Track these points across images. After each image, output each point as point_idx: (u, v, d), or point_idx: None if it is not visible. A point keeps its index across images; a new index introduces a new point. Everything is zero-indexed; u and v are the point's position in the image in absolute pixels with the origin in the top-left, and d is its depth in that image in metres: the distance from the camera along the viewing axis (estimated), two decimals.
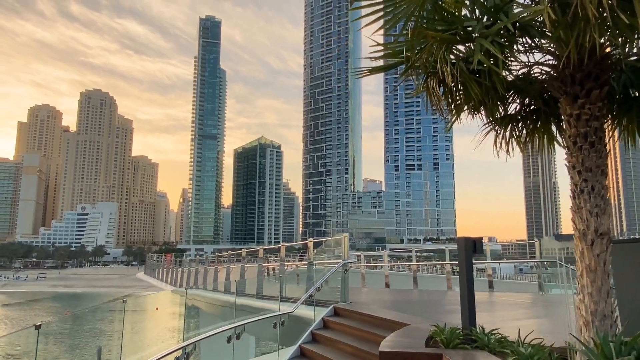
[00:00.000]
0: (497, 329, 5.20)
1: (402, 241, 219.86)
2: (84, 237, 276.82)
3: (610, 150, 4.25)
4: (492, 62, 3.69)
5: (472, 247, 5.58)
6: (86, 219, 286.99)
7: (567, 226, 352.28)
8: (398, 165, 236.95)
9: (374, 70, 5.13)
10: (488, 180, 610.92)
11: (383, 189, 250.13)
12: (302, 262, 18.20)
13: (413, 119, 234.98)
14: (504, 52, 3.93)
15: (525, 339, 4.69)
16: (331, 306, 8.30)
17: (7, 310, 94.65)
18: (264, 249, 16.17)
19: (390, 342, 5.44)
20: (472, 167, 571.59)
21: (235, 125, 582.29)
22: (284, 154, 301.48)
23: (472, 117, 5.09)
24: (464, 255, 5.56)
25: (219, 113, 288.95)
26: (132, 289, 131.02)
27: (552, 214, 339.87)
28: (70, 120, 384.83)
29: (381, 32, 4.18)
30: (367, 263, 22.73)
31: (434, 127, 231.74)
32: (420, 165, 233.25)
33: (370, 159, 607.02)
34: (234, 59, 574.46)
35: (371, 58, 4.90)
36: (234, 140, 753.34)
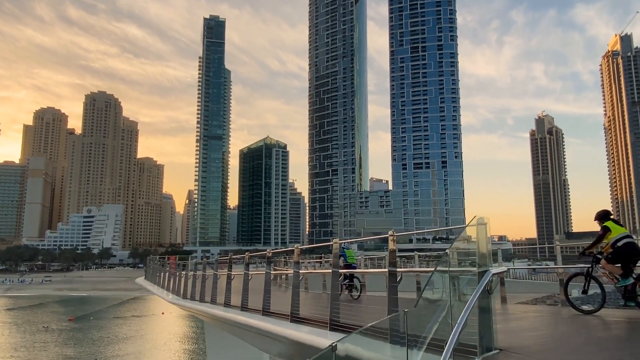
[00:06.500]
0: None
1: (410, 241, 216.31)
2: (90, 240, 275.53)
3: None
4: None
5: None
6: (92, 222, 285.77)
7: (578, 224, 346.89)
8: (405, 164, 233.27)
9: None
10: (497, 179, 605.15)
11: (390, 188, 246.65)
12: (380, 270, 14.39)
13: (420, 116, 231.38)
14: None
15: None
16: None
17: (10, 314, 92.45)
18: (301, 249, 10.95)
19: None
20: (480, 166, 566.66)
21: (237, 127, 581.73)
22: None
23: None
24: None
25: (224, 113, 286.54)
26: (138, 292, 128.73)
27: (563, 212, 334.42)
28: (73, 124, 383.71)
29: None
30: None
31: (441, 125, 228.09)
32: (428, 163, 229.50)
33: (375, 159, 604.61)
34: (233, 61, 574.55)
35: None
36: (235, 142, 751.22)
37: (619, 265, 7.23)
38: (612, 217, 7.72)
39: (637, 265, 7.34)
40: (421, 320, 4.74)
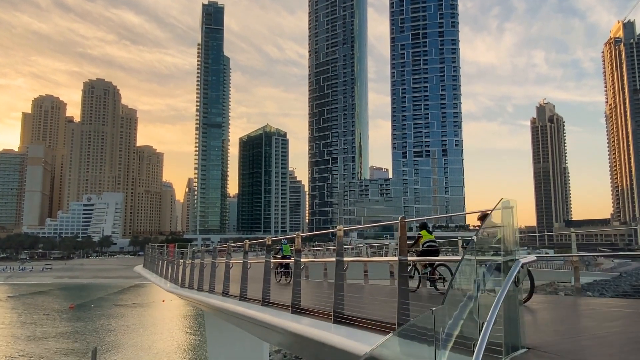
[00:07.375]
0: None
1: (410, 229, 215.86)
2: (90, 228, 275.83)
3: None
4: None
5: None
6: (92, 210, 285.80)
7: (577, 212, 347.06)
8: (406, 152, 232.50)
9: None
10: (497, 167, 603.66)
11: (390, 176, 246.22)
12: (390, 259, 14.65)
13: (421, 104, 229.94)
14: None
15: None
16: None
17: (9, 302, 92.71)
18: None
19: None
20: (480, 154, 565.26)
21: (236, 115, 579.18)
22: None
23: None
24: None
25: (223, 101, 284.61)
26: (139, 280, 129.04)
27: (563, 200, 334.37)
28: (72, 112, 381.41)
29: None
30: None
31: (442, 113, 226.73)
32: (429, 152, 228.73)
33: (375, 147, 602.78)
34: (231, 48, 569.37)
35: None
36: (234, 130, 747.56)
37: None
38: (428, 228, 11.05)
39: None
40: (448, 316, 4.34)
